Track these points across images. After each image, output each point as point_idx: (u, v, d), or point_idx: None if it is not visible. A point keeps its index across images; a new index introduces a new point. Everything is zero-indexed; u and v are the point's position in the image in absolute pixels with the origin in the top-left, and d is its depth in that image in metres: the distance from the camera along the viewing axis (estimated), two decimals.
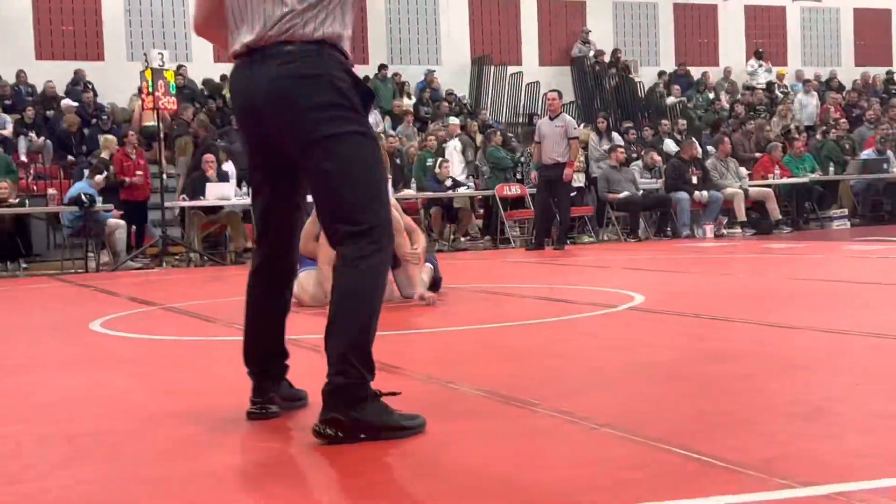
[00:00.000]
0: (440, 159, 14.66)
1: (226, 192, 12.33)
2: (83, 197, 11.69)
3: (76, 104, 16.33)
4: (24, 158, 15.22)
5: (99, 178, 12.47)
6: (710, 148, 16.22)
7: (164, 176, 12.83)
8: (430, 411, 3.07)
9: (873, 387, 3.39)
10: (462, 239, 14.74)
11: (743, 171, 15.10)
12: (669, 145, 16.49)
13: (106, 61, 18.42)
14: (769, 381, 3.62)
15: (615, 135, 16.16)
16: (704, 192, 14.11)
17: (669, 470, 2.44)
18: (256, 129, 2.95)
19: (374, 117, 17.78)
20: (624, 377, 3.80)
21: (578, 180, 14.88)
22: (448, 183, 14.31)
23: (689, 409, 3.17)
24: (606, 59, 21.21)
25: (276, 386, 3.21)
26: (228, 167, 13.19)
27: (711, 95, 21.24)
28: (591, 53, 21.25)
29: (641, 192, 14.51)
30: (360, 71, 18.21)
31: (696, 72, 22.17)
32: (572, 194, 13.96)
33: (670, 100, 20.09)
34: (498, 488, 2.35)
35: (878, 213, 16.34)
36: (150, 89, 11.92)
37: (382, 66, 19.27)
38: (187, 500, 2.42)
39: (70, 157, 14.92)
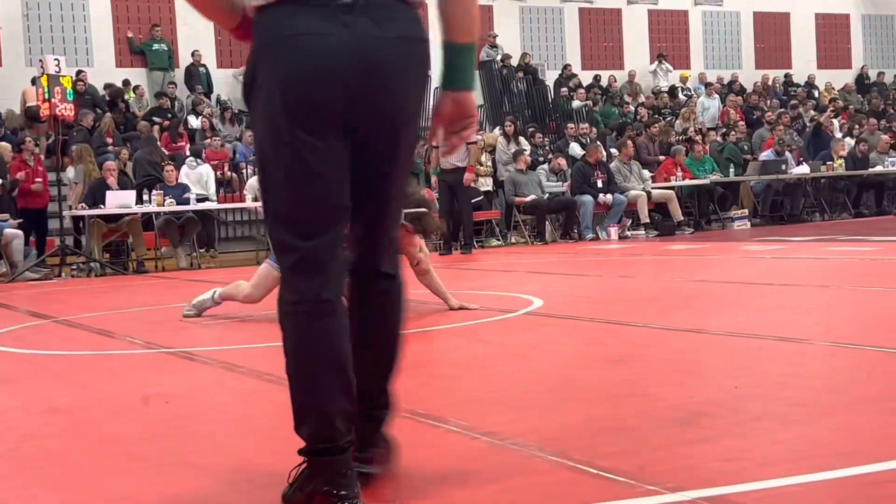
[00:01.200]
0: None
1: (126, 200, 12.09)
2: None
3: None
4: None
5: None
6: (613, 151, 16.45)
7: (62, 184, 12.54)
8: None
9: (752, 390, 3.46)
10: None
11: (646, 173, 15.35)
12: (575, 149, 16.67)
13: (3, 67, 17.94)
14: (655, 386, 3.67)
15: (521, 139, 16.28)
16: (609, 195, 14.30)
17: (541, 479, 2.46)
18: (341, 92, 2.18)
19: None
20: (513, 385, 3.81)
21: (486, 184, 14.97)
22: None
23: (573, 416, 3.20)
24: (514, 62, 21.36)
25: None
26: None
27: (617, 99, 21.54)
28: (499, 57, 21.38)
29: (547, 195, 14.64)
30: None
31: (601, 75, 22.48)
32: (479, 198, 14.05)
33: (576, 103, 20.31)
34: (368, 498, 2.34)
35: (777, 213, 16.75)
36: (47, 96, 11.64)
37: None
38: None
39: None
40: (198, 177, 13.92)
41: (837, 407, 3.17)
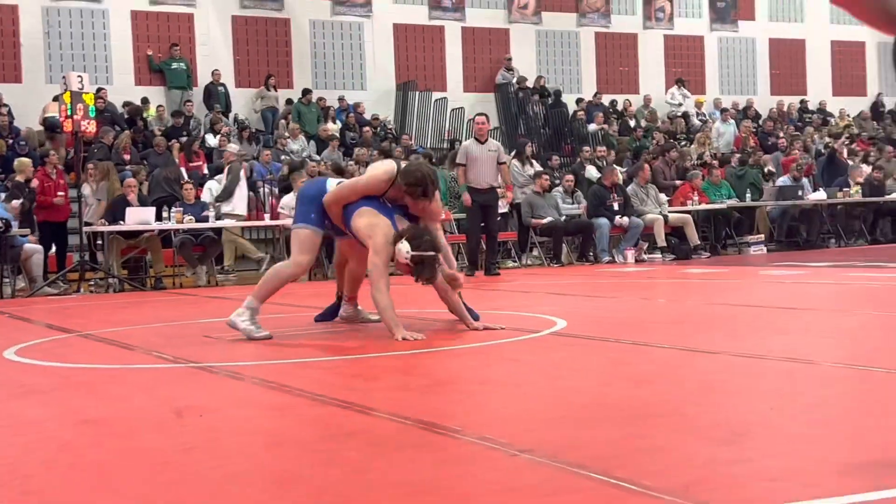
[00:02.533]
0: None
1: (146, 217, 12.15)
2: None
3: None
4: None
5: (15, 203, 12.20)
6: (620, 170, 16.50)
7: (82, 199, 12.62)
8: (350, 438, 3.04)
9: (788, 411, 3.45)
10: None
11: (663, 197, 15.37)
12: (591, 172, 16.70)
13: (24, 83, 18.08)
14: (687, 405, 3.67)
15: (534, 161, 16.32)
16: (625, 218, 14.31)
17: (587, 496, 2.46)
18: None
19: (299, 142, 17.73)
20: (546, 403, 3.81)
21: (503, 206, 14.99)
22: None
23: (610, 434, 3.20)
24: (530, 85, 21.46)
25: None
26: None
27: (632, 123, 21.60)
28: (514, 80, 21.48)
29: (564, 217, 14.66)
30: (284, 95, 17.84)
31: (617, 99, 22.54)
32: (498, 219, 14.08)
33: (592, 127, 20.37)
34: None
35: (793, 238, 16.73)
36: (69, 113, 11.71)
37: (307, 91, 19.23)
38: None
39: None
40: None
41: (877, 429, 3.16)
